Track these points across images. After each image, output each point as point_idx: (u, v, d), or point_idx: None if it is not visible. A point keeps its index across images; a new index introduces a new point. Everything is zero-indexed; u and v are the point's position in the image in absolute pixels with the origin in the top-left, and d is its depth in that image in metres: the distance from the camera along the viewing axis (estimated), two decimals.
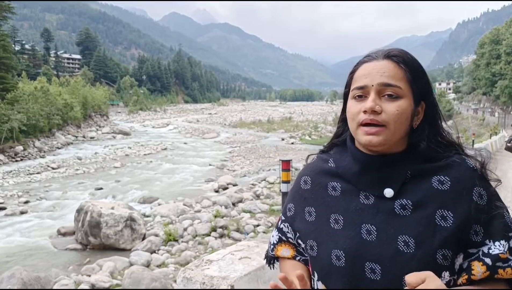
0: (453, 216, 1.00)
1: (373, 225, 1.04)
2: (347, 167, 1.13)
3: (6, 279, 9.26)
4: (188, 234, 13.84)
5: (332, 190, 1.14)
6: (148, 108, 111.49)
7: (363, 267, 1.01)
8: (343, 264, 1.03)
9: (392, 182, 1.06)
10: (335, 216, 1.10)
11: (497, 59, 62.12)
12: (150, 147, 40.51)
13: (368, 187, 1.08)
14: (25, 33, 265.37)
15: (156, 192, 20.64)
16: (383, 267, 0.99)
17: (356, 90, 1.07)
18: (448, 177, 1.04)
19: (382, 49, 1.11)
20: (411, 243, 0.99)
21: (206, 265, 2.39)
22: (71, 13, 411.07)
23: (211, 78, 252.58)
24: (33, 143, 37.97)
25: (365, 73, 1.07)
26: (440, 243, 0.98)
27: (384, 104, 1.03)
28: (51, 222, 16.14)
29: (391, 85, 1.03)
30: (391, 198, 1.05)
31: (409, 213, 1.03)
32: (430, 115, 1.11)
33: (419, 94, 1.07)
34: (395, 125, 1.03)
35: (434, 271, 0.93)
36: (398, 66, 1.05)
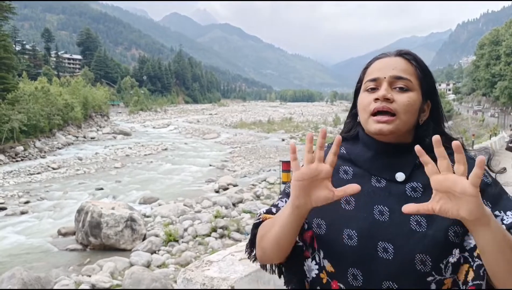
0: None
1: (385, 206, 1.06)
2: (359, 153, 1.16)
3: (6, 279, 9.27)
4: (189, 235, 13.84)
5: (344, 173, 1.16)
6: (148, 108, 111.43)
7: (376, 247, 1.03)
8: (356, 243, 1.05)
9: (403, 167, 1.09)
10: (346, 197, 1.11)
11: (496, 60, 62.05)
12: (151, 147, 40.52)
13: (380, 172, 1.11)
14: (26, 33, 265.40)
15: (156, 193, 20.64)
16: (396, 246, 1.01)
17: (369, 82, 1.12)
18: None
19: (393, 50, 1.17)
20: (423, 223, 1.02)
21: (206, 266, 2.40)
22: (71, 13, 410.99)
23: (212, 79, 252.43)
24: (33, 143, 37.97)
25: (378, 68, 1.13)
26: (451, 220, 0.98)
27: (396, 94, 1.08)
28: (51, 222, 16.15)
29: (403, 78, 1.09)
30: (402, 182, 1.08)
31: (420, 195, 1.06)
32: (435, 114, 1.16)
33: (427, 91, 1.13)
34: (406, 115, 1.07)
35: (445, 248, 0.99)
36: (409, 62, 1.12)
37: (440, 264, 0.99)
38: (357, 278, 1.04)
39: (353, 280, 1.05)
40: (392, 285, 1.01)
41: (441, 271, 0.99)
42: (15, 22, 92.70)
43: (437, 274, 0.99)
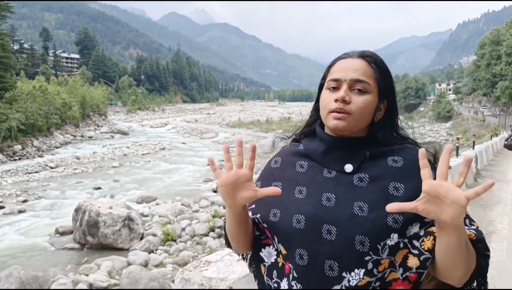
0: (404, 187, 1.13)
1: (333, 193, 1.16)
2: (315, 148, 1.27)
3: (4, 278, 9.25)
4: (186, 234, 13.84)
5: (300, 167, 1.27)
6: (146, 107, 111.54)
7: (321, 229, 1.12)
8: (303, 226, 1.15)
9: (352, 159, 1.19)
10: (299, 187, 1.22)
11: (497, 60, 62.02)
12: (149, 146, 40.54)
13: (331, 164, 1.22)
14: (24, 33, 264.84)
15: (154, 192, 20.63)
16: (339, 229, 1.11)
17: (331, 82, 1.21)
18: (401, 157, 1.18)
19: (356, 51, 1.26)
20: (365, 208, 1.11)
21: (205, 266, 2.38)
22: (69, 13, 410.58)
23: (210, 78, 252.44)
24: (31, 142, 37.96)
25: (341, 68, 1.21)
26: None
27: (353, 96, 1.17)
28: (49, 221, 16.12)
29: (361, 81, 1.18)
30: (350, 173, 1.18)
31: (366, 184, 1.16)
32: (390, 112, 1.26)
33: (383, 92, 1.22)
34: (359, 115, 1.17)
35: (383, 232, 1.07)
36: (369, 65, 1.20)
37: (377, 245, 1.07)
38: (303, 257, 1.14)
39: (300, 259, 1.14)
40: (333, 263, 1.10)
41: (378, 252, 1.07)
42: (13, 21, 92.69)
43: (374, 254, 1.07)
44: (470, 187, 7.91)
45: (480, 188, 0.90)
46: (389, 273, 1.08)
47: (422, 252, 1.07)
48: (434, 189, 0.94)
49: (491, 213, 7.75)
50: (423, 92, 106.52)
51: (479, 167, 13.07)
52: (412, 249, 1.08)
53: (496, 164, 16.53)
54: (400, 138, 1.25)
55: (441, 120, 72.97)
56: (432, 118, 79.93)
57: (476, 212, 7.59)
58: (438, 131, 60.11)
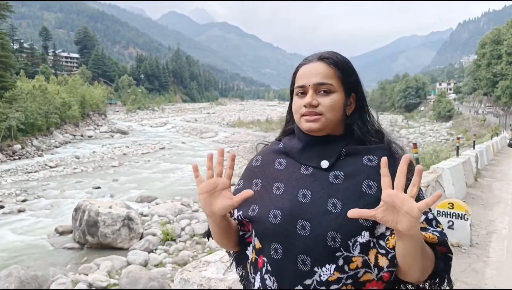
0: (377, 186, 1.16)
1: (309, 190, 1.21)
2: (293, 146, 1.33)
3: (3, 278, 9.23)
4: (186, 234, 13.84)
5: (279, 165, 1.33)
6: (146, 107, 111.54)
7: (295, 224, 1.17)
8: (279, 221, 1.19)
9: (328, 156, 1.25)
10: (277, 184, 1.27)
11: (498, 60, 61.97)
12: (148, 146, 40.55)
13: (307, 160, 1.27)
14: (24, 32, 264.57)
15: (153, 192, 20.63)
16: (313, 224, 1.15)
17: (297, 89, 1.27)
18: (376, 157, 1.23)
19: (317, 53, 1.31)
20: (339, 205, 1.15)
21: (204, 266, 2.37)
22: (69, 12, 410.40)
23: (210, 77, 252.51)
24: (31, 142, 37.96)
25: (303, 74, 1.27)
26: (363, 206, 1.11)
27: (320, 98, 1.23)
28: (48, 221, 16.12)
29: (324, 84, 1.23)
30: (326, 169, 1.23)
31: (341, 182, 1.20)
32: (360, 104, 1.30)
33: (349, 88, 1.28)
34: (330, 114, 1.23)
35: (354, 229, 1.11)
36: (329, 66, 1.25)
37: (348, 242, 1.11)
38: (278, 251, 1.19)
39: (274, 253, 1.19)
40: (306, 258, 1.14)
41: (349, 249, 1.11)
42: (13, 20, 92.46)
43: (345, 251, 1.11)
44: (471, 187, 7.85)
45: (429, 199, 0.96)
46: (364, 274, 1.12)
47: (389, 251, 1.11)
48: (391, 199, 0.98)
49: (492, 213, 7.74)
50: (423, 92, 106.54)
51: (479, 167, 13.03)
52: (380, 248, 1.12)
53: (496, 163, 16.53)
54: (373, 131, 1.29)
55: (442, 120, 72.91)
56: (432, 118, 79.92)
57: (476, 211, 7.58)
58: (439, 131, 60.03)
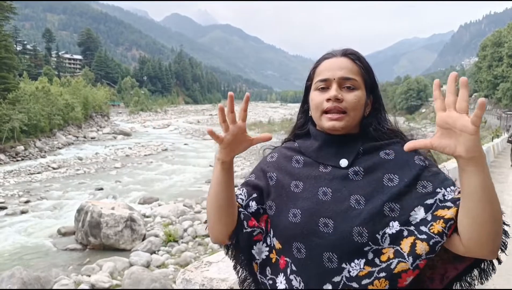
0: (398, 178, 1.15)
1: (329, 188, 1.19)
2: (309, 145, 1.30)
3: (6, 279, 9.26)
4: (188, 235, 13.84)
5: (296, 162, 1.30)
6: (149, 108, 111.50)
7: (317, 222, 1.14)
8: (299, 220, 1.17)
9: (346, 154, 1.22)
10: (295, 182, 1.25)
11: (499, 62, 61.83)
12: (151, 147, 40.53)
13: (326, 160, 1.24)
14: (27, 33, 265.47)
15: (156, 193, 20.63)
16: (336, 221, 1.13)
17: (319, 82, 1.24)
18: (392, 150, 1.22)
19: (338, 49, 1.29)
20: (362, 201, 1.13)
21: (206, 266, 2.39)
22: (72, 14, 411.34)
23: (212, 79, 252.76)
24: (34, 143, 38.00)
25: (327, 68, 1.24)
26: (387, 198, 1.11)
27: (344, 94, 1.20)
28: (51, 222, 16.14)
29: (350, 79, 1.21)
30: (345, 167, 1.21)
31: (361, 178, 1.18)
32: (377, 106, 1.29)
33: (370, 87, 1.26)
34: (354, 112, 1.20)
35: (381, 221, 1.10)
36: (354, 62, 1.24)
37: (376, 235, 1.09)
38: (301, 251, 1.16)
39: (298, 253, 1.16)
40: (332, 255, 1.11)
41: (378, 241, 1.09)
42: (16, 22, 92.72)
43: (373, 244, 1.09)
44: None
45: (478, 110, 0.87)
46: (397, 264, 1.07)
47: (432, 236, 1.06)
48: (444, 121, 0.93)
49: None
50: (424, 94, 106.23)
51: None
52: (419, 234, 1.07)
53: (497, 165, 16.50)
54: (389, 131, 1.27)
55: None
56: (433, 120, 79.47)
57: None
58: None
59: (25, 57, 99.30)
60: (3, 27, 46.04)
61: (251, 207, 1.29)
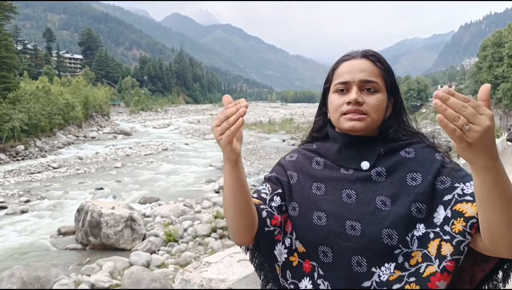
0: (421, 175, 1.13)
1: (352, 190, 1.17)
2: (328, 148, 1.28)
3: (6, 278, 9.26)
4: (188, 235, 13.84)
5: (316, 164, 1.28)
6: (149, 108, 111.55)
7: (344, 225, 1.12)
8: (324, 223, 1.15)
9: (368, 157, 1.20)
10: (317, 184, 1.23)
11: (499, 62, 61.80)
12: (151, 147, 40.53)
13: (346, 162, 1.22)
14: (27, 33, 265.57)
15: (156, 193, 20.64)
16: (363, 224, 1.10)
17: (339, 85, 1.21)
18: (412, 149, 1.20)
19: (357, 50, 1.26)
20: (388, 202, 1.11)
21: (205, 267, 2.39)
22: (73, 13, 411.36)
23: (213, 79, 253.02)
24: (34, 143, 38.03)
25: (347, 70, 1.21)
26: (413, 198, 1.09)
27: (365, 96, 1.18)
28: (51, 222, 16.15)
29: (370, 81, 1.18)
30: (367, 169, 1.19)
31: (384, 179, 1.16)
32: (398, 108, 1.26)
33: (390, 89, 1.24)
34: (375, 114, 1.18)
35: (409, 223, 1.07)
36: (374, 64, 1.21)
37: (406, 237, 1.07)
38: (327, 255, 1.14)
39: (324, 257, 1.14)
40: (361, 259, 1.09)
41: (408, 244, 1.06)
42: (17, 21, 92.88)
43: (404, 247, 1.07)
44: None
45: None
46: (426, 268, 1.05)
47: (454, 236, 1.02)
48: None
49: None
50: (425, 94, 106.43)
51: None
52: (444, 235, 1.04)
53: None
54: (410, 133, 1.25)
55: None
56: (433, 120, 79.72)
57: None
58: (440, 133, 59.90)
59: (25, 56, 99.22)
60: (4, 26, 46.06)
61: (275, 201, 1.25)
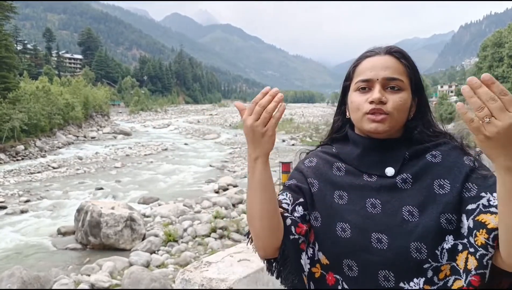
0: (449, 183, 1.06)
1: (377, 199, 1.10)
2: (349, 152, 1.20)
3: (6, 278, 9.25)
4: (188, 235, 13.83)
5: (337, 170, 1.20)
6: (149, 108, 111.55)
7: (370, 238, 1.06)
8: (349, 235, 1.09)
9: (392, 162, 1.13)
10: (339, 192, 1.15)
11: (499, 62, 61.80)
12: (151, 147, 40.50)
13: (369, 168, 1.15)
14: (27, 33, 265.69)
15: (156, 193, 20.62)
16: (390, 237, 1.04)
17: (360, 83, 1.14)
18: (439, 152, 1.12)
19: (380, 46, 1.18)
20: (415, 212, 1.05)
21: (205, 267, 2.39)
22: (73, 13, 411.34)
23: (212, 79, 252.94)
24: (34, 143, 38.01)
25: (369, 67, 1.14)
26: (442, 208, 1.03)
27: (388, 95, 1.10)
28: (51, 222, 16.15)
29: (395, 79, 1.11)
30: (392, 176, 1.12)
31: (410, 186, 1.09)
32: (422, 108, 1.19)
33: (415, 88, 1.16)
34: (399, 114, 1.11)
35: (438, 235, 1.01)
36: (399, 61, 1.14)
37: (435, 251, 1.01)
38: (353, 268, 1.08)
39: (349, 270, 1.09)
40: (389, 274, 1.04)
41: (437, 258, 1.01)
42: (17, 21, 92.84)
43: (433, 261, 1.01)
44: None
45: None
46: (454, 281, 1.01)
47: (477, 249, 0.96)
48: None
49: None
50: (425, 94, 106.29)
51: None
52: (470, 247, 0.98)
53: None
54: (436, 134, 1.19)
55: (443, 122, 71.33)
56: (435, 120, 79.71)
57: None
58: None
59: (25, 56, 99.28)
60: (4, 26, 46.04)
61: (298, 211, 1.17)
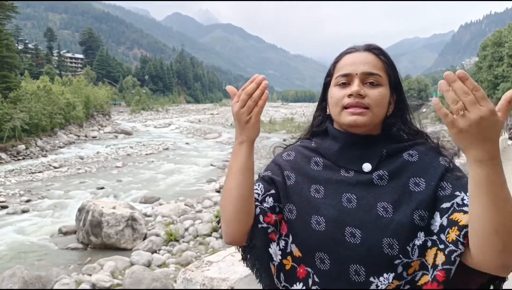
0: (425, 181, 1.08)
1: (353, 194, 1.11)
2: (328, 147, 1.22)
3: (7, 278, 9.28)
4: (189, 234, 13.85)
5: (315, 164, 1.21)
6: (150, 108, 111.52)
7: (343, 232, 1.07)
8: (323, 228, 1.09)
9: (370, 158, 1.15)
10: (316, 186, 1.16)
11: (499, 62, 61.71)
12: (152, 147, 40.53)
13: (347, 163, 1.17)
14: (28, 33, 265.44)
15: (157, 192, 20.64)
16: (364, 232, 1.06)
17: (340, 78, 1.16)
18: (416, 151, 1.15)
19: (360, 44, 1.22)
20: (390, 209, 1.06)
21: (206, 266, 2.39)
22: (74, 13, 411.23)
23: (213, 79, 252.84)
24: (35, 142, 38.04)
25: (349, 63, 1.16)
26: (415, 205, 1.05)
27: (367, 90, 1.13)
28: (52, 221, 16.17)
29: (373, 74, 1.14)
30: (368, 172, 1.14)
31: (386, 183, 1.11)
32: (400, 105, 1.22)
33: (393, 84, 1.20)
34: (377, 108, 1.13)
35: (411, 232, 1.03)
36: (378, 57, 1.17)
37: (407, 247, 1.02)
38: (325, 262, 1.09)
39: (321, 263, 1.09)
40: (360, 268, 1.05)
41: (408, 254, 1.02)
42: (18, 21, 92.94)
43: (404, 257, 1.02)
44: None
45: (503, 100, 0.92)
46: (421, 276, 1.03)
47: (447, 245, 0.98)
48: None
49: None
50: (425, 94, 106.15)
51: None
52: (440, 244, 1.00)
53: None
54: (414, 132, 1.21)
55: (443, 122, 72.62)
56: (434, 120, 79.62)
57: None
58: (445, 135, 59.84)
59: (26, 56, 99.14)
60: (5, 26, 46.12)
61: (268, 202, 1.19)
